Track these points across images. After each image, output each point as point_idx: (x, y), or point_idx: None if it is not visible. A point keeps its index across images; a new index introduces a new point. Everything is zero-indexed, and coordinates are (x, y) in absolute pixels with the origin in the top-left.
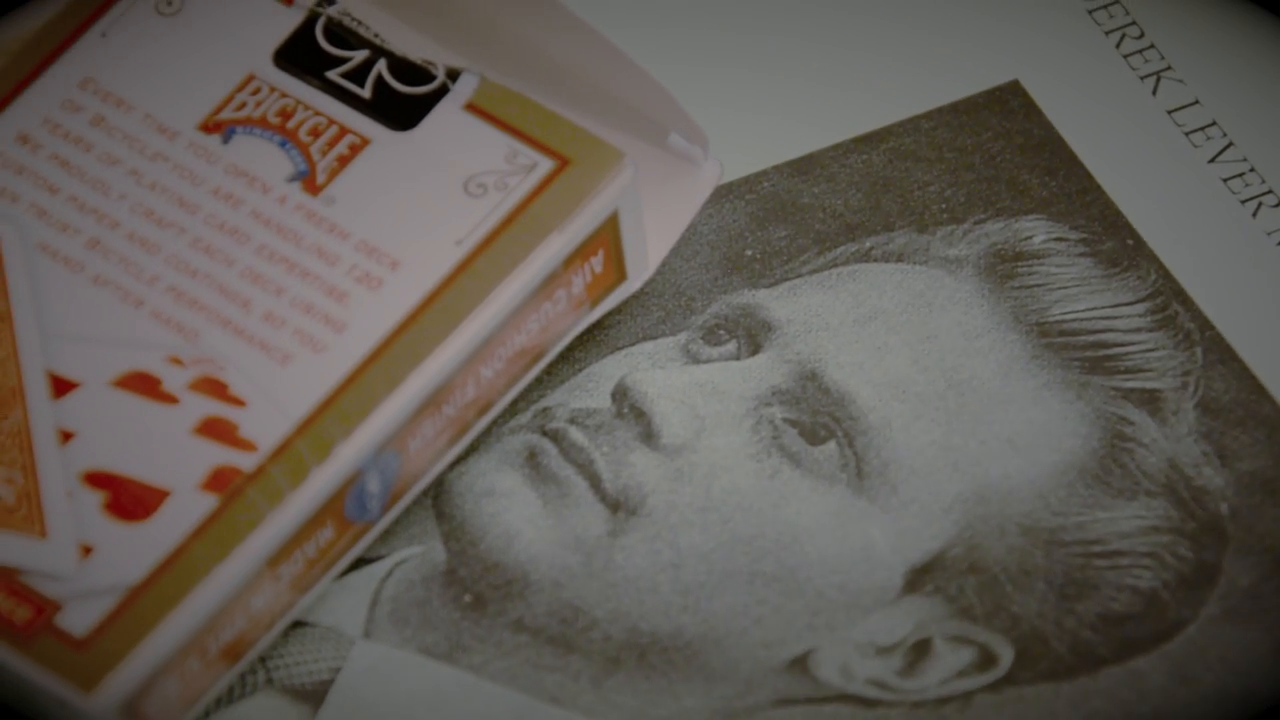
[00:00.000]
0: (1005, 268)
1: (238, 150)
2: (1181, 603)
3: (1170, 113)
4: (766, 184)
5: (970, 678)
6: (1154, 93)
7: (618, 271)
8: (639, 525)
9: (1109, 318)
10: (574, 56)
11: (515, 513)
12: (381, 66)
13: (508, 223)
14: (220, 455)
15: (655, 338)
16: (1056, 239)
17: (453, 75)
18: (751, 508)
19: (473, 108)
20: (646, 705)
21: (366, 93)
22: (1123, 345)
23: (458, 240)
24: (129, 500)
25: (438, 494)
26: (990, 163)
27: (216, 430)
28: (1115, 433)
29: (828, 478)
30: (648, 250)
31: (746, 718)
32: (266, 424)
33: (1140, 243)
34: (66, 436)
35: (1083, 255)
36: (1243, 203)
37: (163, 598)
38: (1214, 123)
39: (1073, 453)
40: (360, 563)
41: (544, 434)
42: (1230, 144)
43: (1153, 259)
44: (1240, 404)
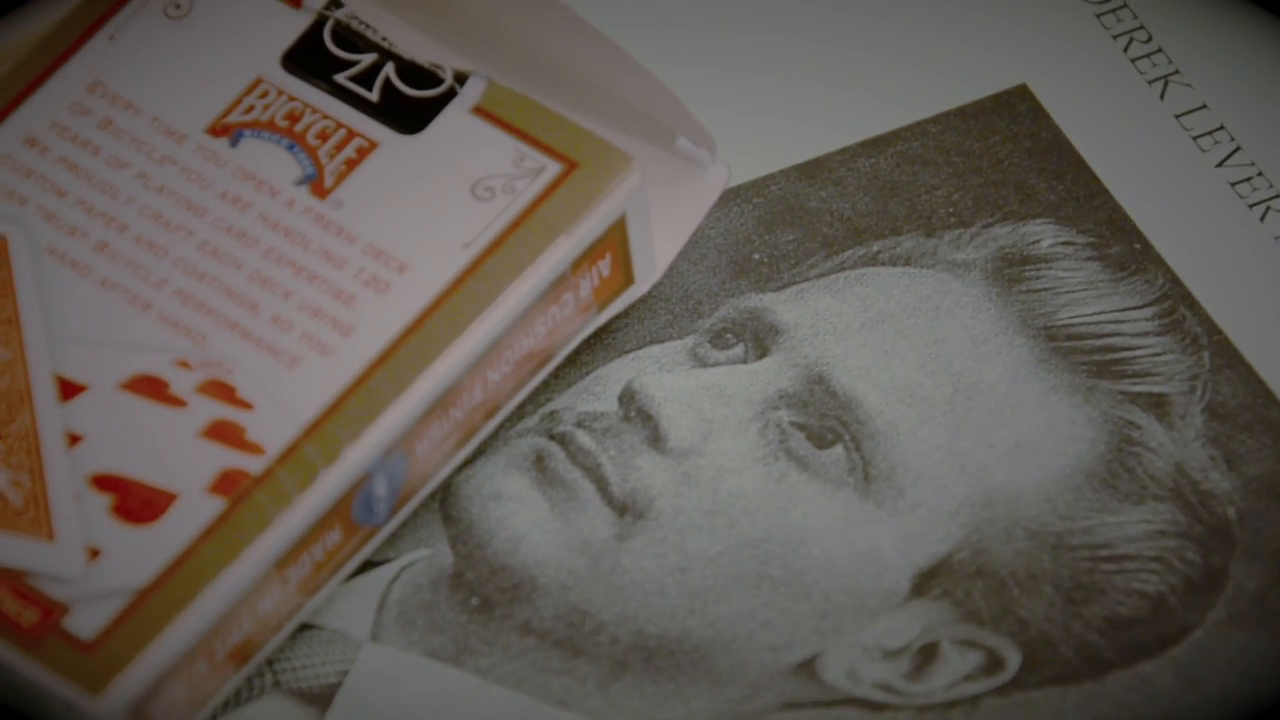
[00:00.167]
0: (1013, 272)
1: (245, 153)
2: (1188, 607)
3: (1178, 117)
4: (774, 187)
5: (977, 681)
6: (1162, 97)
7: (625, 275)
8: (646, 528)
9: (1116, 322)
10: (582, 60)
11: (522, 516)
12: (389, 70)
13: (515, 226)
14: (228, 458)
15: (662, 341)
16: (1064, 243)
17: (460, 78)
18: (759, 511)
19: (480, 111)
20: (653, 708)
21: (374, 96)
22: (1130, 349)
23: (465, 243)
24: (136, 503)
25: (445, 497)
26: (998, 167)
27: (224, 433)
28: (1122, 437)
29: (835, 481)
30: (655, 254)
31: None
32: (274, 427)
33: (1148, 247)
34: (74, 439)
35: (1090, 259)
36: (1250, 207)
37: (170, 600)
38: (1222, 127)
39: (1080, 457)
40: (367, 566)
41: (551, 437)
42: (1238, 148)
43: (1160, 263)
44: (1247, 408)
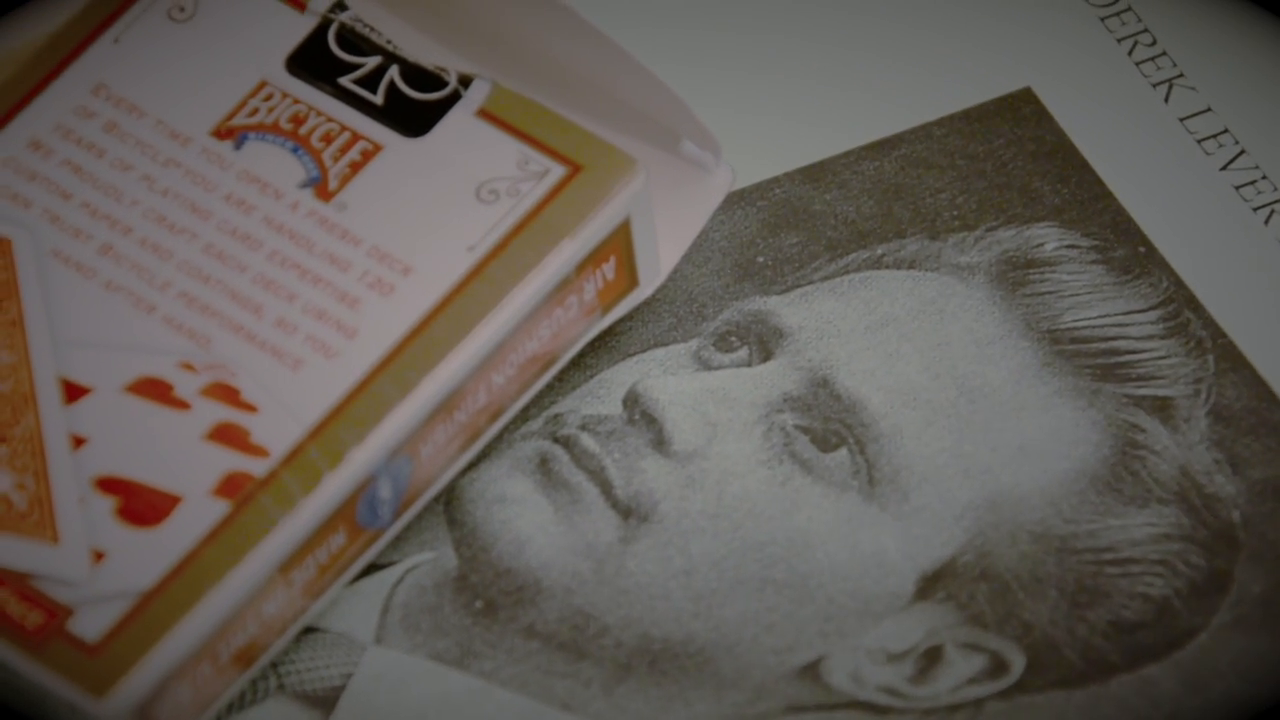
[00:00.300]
0: (1017, 275)
1: (250, 156)
2: (1193, 610)
3: (1182, 120)
4: (778, 190)
5: (981, 685)
6: (1166, 100)
7: (629, 278)
8: (650, 532)
9: (1121, 325)
10: (586, 62)
11: (527, 519)
12: (394, 73)
13: (520, 229)
14: (232, 461)
15: (667, 344)
16: (1068, 246)
17: (465, 81)
18: (763, 514)
19: (485, 114)
20: (658, 712)
21: (379, 99)
22: (1134, 353)
23: (470, 246)
24: (141, 506)
25: (449, 500)
26: (1002, 170)
27: (228, 436)
28: (1127, 440)
29: (839, 484)
30: (659, 257)
31: None
32: (278, 430)
33: (1152, 250)
34: (78, 442)
35: (1094, 263)
36: (1254, 210)
37: (174, 603)
38: (1226, 130)
39: (1084, 460)
40: (372, 569)
41: (555, 440)
42: (1242, 151)
43: (1164, 266)
44: (1252, 411)
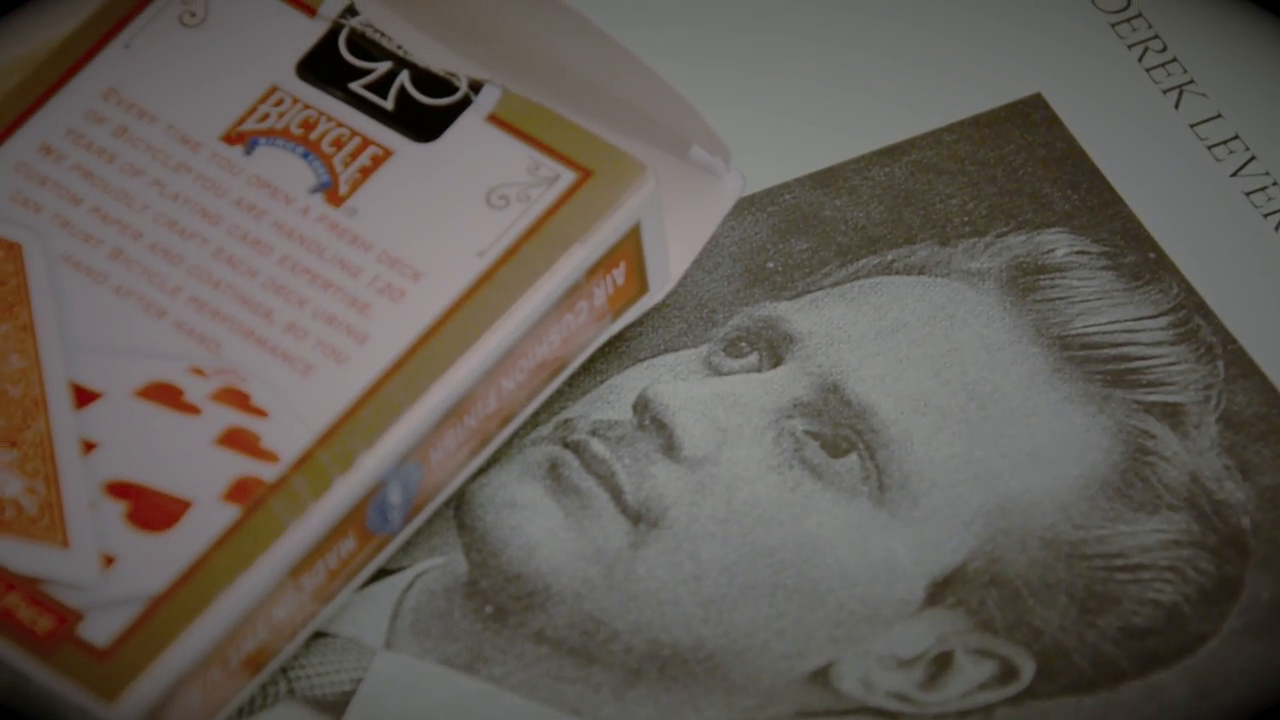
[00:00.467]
0: (1027, 281)
1: (260, 161)
2: (1203, 617)
3: (1193, 126)
4: (788, 196)
5: (991, 690)
6: (1176, 106)
7: (639, 283)
8: (660, 537)
9: (1131, 331)
10: (596, 68)
11: (537, 524)
12: (404, 78)
13: (530, 234)
14: (242, 466)
15: (677, 350)
16: (1078, 252)
17: (475, 87)
18: (773, 520)
19: (495, 119)
20: (667, 717)
21: (389, 104)
22: (1145, 359)
23: (480, 252)
24: (151, 510)
25: (459, 505)
26: (1012, 176)
27: (238, 441)
28: (1137, 446)
29: (849, 490)
30: (669, 262)
31: None
32: (288, 434)
33: (1162, 256)
34: (89, 447)
35: (1105, 269)
36: (1265, 216)
37: (184, 608)
38: (1236, 136)
39: (1094, 466)
40: (382, 574)
41: (565, 446)
42: (1253, 158)
43: (1175, 273)
44: (1262, 418)
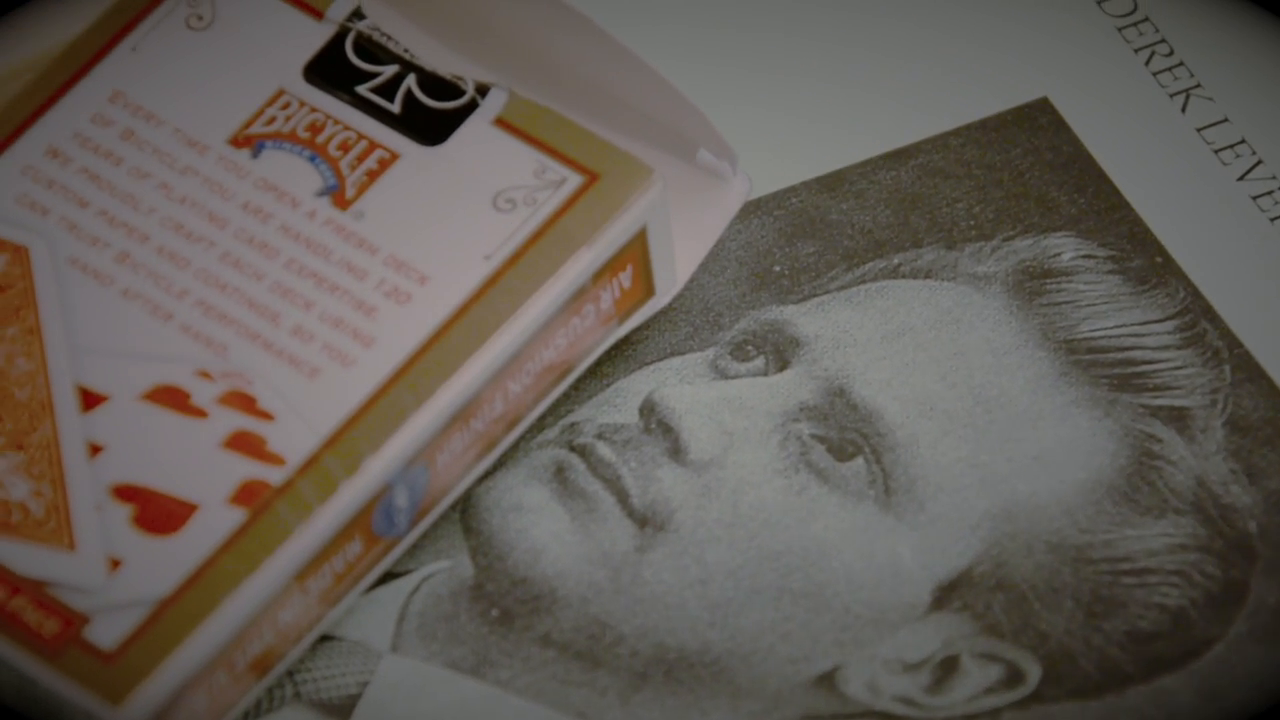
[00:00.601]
0: (1033, 285)
1: (267, 164)
2: (1209, 621)
3: (1199, 130)
4: (795, 200)
5: (998, 695)
6: (1183, 110)
7: (646, 287)
8: (666, 541)
9: (1137, 335)
10: (603, 72)
11: (543, 528)
12: (411, 81)
13: (536, 237)
14: (248, 469)
15: (683, 353)
16: (1085, 256)
17: (482, 90)
18: (779, 523)
19: (502, 123)
20: None
21: (396, 108)
22: (1151, 363)
23: (486, 255)
24: (157, 513)
25: (465, 509)
26: (1019, 180)
27: (245, 444)
28: (1143, 450)
29: (855, 494)
30: (676, 266)
31: None
32: (295, 438)
33: (1169, 260)
34: (95, 449)
35: (1111, 272)
36: (1272, 221)
37: (191, 611)
38: (1243, 140)
39: (1101, 470)
40: (388, 577)
41: (572, 449)
42: (1259, 161)
43: (1181, 276)
44: (1268, 422)
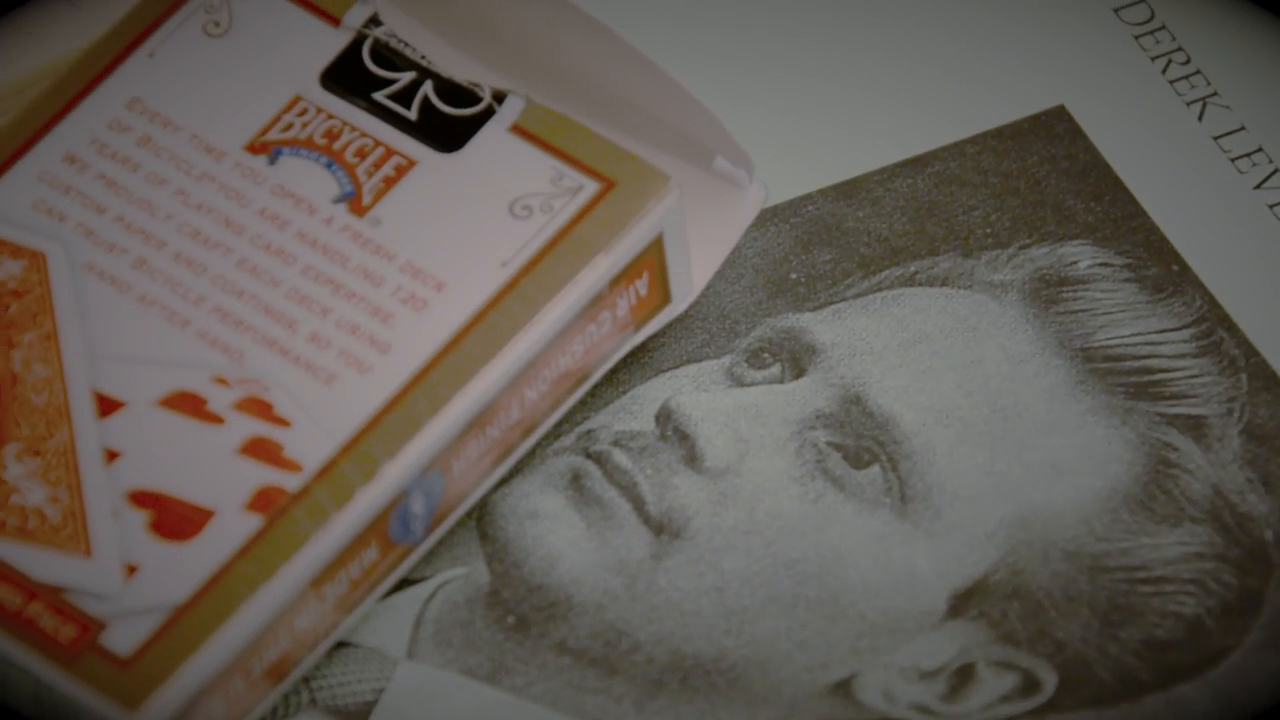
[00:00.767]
0: (1050, 293)
1: (284, 171)
2: (1225, 630)
3: (1216, 139)
4: (811, 207)
5: (1013, 703)
6: (1200, 118)
7: (662, 294)
8: (682, 548)
9: (1154, 344)
10: (620, 79)
11: (559, 535)
12: (428, 88)
13: (553, 245)
14: (265, 475)
15: (699, 360)
16: (1101, 264)
17: (499, 97)
18: (795, 531)
19: (518, 130)
20: None
21: (413, 114)
22: (1167, 371)
23: (503, 262)
24: (174, 520)
25: (481, 515)
26: (1035, 188)
27: (261, 450)
28: (1160, 459)
29: (871, 502)
30: (692, 273)
31: None
32: (311, 444)
33: (1185, 269)
34: (112, 456)
35: (1128, 281)
36: None
37: (207, 617)
38: (1260, 149)
39: (1117, 478)
40: (404, 584)
41: (588, 456)
42: (1276, 170)
43: (1198, 285)
44: None
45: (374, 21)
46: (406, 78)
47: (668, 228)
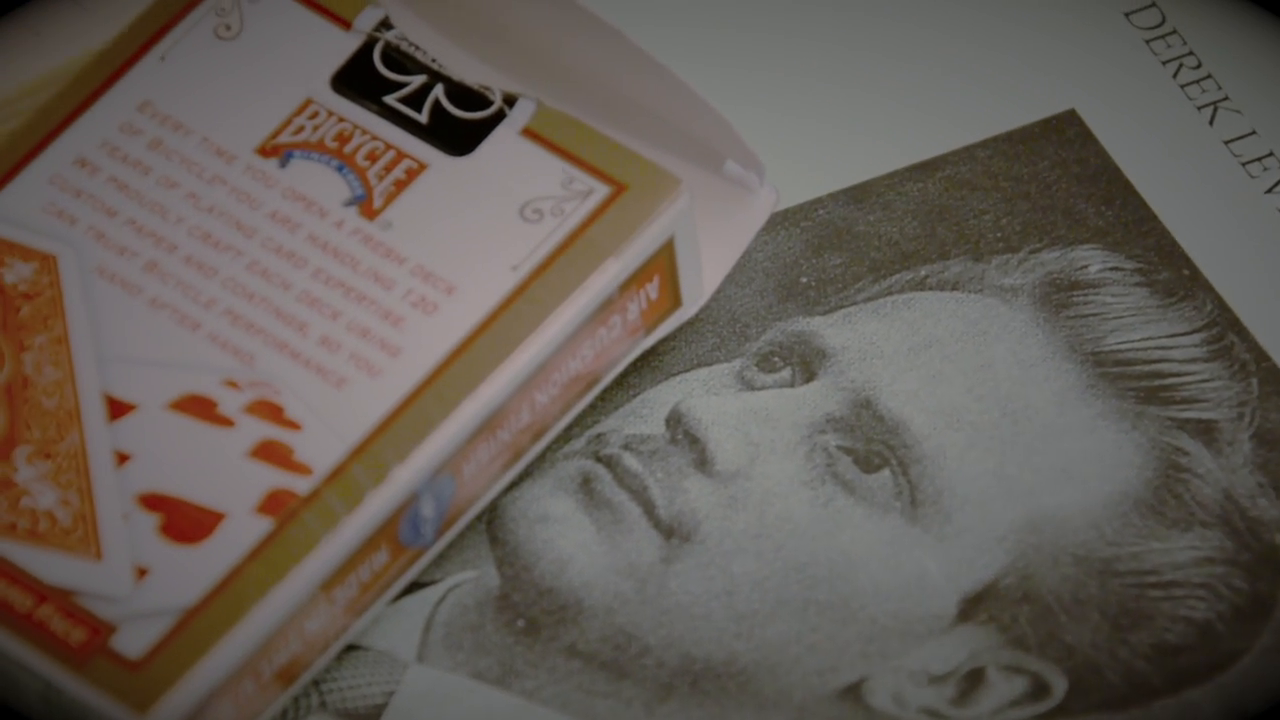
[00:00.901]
0: (1061, 297)
1: (295, 174)
2: (1236, 634)
3: (1227, 143)
4: (822, 211)
5: (1024, 707)
6: (1211, 123)
7: (673, 298)
8: (692, 552)
9: (1164, 348)
10: (631, 83)
11: (569, 538)
12: (439, 91)
13: (564, 248)
14: (275, 478)
15: (710, 364)
16: (1112, 268)
17: (509, 101)
18: (805, 535)
19: (529, 133)
20: None
21: (424, 118)
22: (1178, 375)
23: (514, 265)
24: (184, 523)
25: (492, 519)
26: (1046, 192)
27: (272, 453)
28: (1170, 463)
29: (881, 506)
30: (703, 277)
31: None
32: (322, 447)
33: (1196, 273)
34: (122, 459)
35: (1138, 285)
36: None
37: (217, 620)
38: (1271, 153)
39: (1127, 483)
40: (414, 587)
41: (598, 460)
42: None
43: (1209, 289)
44: None
45: (385, 25)
46: (417, 81)
47: (678, 231)
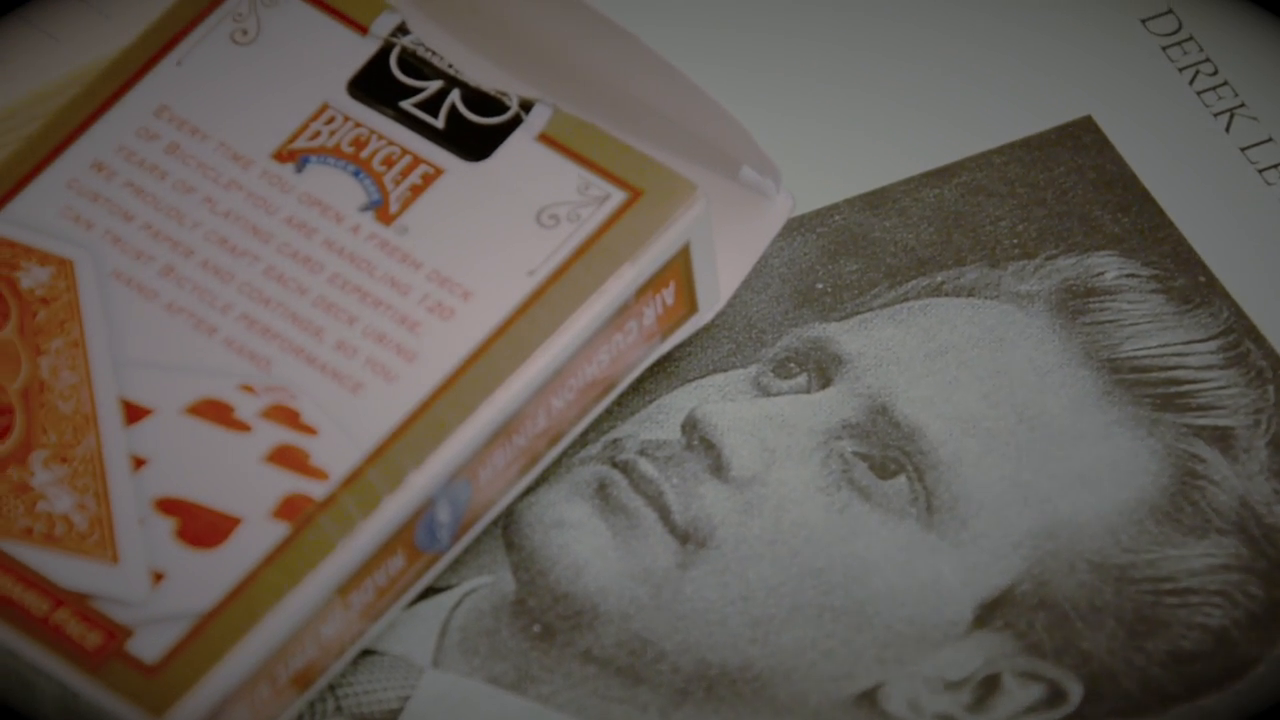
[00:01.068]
0: (1077, 303)
1: (311, 179)
2: (1251, 641)
3: (1244, 150)
4: (838, 217)
5: (1039, 714)
6: (1227, 130)
7: (689, 303)
8: (708, 557)
9: (1181, 355)
10: (647, 88)
11: (585, 544)
12: (455, 97)
13: (580, 254)
14: (291, 483)
15: (726, 370)
16: (1128, 275)
17: (526, 106)
18: (821, 541)
19: (546, 139)
20: None
21: (440, 123)
22: (1194, 382)
23: (530, 271)
24: (200, 527)
25: (507, 524)
26: (1062, 198)
27: (288, 458)
28: (1186, 470)
29: (897, 512)
30: (719, 282)
31: None
32: (338, 452)
33: (1212, 280)
34: (139, 463)
35: (1155, 292)
36: None
37: (233, 625)
38: None
39: (1143, 489)
40: (430, 592)
41: (614, 465)
42: None
43: (1225, 296)
44: None
45: (401, 30)
46: (434, 86)
47: (694, 237)
